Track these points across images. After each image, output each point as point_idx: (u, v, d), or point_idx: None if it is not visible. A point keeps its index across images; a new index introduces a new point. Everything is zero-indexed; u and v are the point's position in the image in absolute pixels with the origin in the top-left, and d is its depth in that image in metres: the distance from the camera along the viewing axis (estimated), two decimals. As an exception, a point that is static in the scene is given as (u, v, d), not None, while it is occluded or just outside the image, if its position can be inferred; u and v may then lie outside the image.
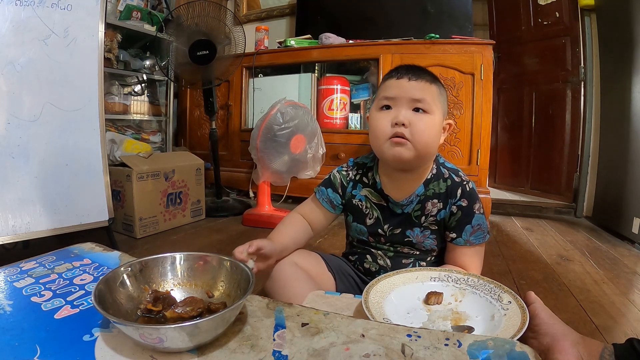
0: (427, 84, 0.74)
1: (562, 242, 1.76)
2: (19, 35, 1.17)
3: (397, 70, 0.76)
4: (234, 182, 2.54)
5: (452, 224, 0.78)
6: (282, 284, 0.74)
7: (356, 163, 0.88)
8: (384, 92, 0.76)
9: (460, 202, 0.77)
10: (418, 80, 0.74)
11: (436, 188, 0.79)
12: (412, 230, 0.80)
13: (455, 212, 0.78)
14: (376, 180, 0.82)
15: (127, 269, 0.52)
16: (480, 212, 0.78)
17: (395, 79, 0.75)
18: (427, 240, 0.80)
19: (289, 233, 0.85)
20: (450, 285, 0.65)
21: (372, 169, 0.84)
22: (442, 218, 0.79)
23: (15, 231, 1.18)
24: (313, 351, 0.42)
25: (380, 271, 0.82)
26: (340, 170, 0.88)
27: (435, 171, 0.80)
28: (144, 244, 1.62)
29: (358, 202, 0.84)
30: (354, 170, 0.86)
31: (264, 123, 1.83)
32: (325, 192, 0.87)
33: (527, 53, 2.53)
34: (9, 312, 0.49)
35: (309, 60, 2.38)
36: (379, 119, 0.75)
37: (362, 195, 0.84)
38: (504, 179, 2.73)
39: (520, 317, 0.53)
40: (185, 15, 2.03)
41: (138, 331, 0.40)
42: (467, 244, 0.77)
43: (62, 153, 1.28)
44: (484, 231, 0.78)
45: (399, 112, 0.73)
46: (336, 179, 0.87)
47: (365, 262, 0.84)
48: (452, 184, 0.79)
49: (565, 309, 1.07)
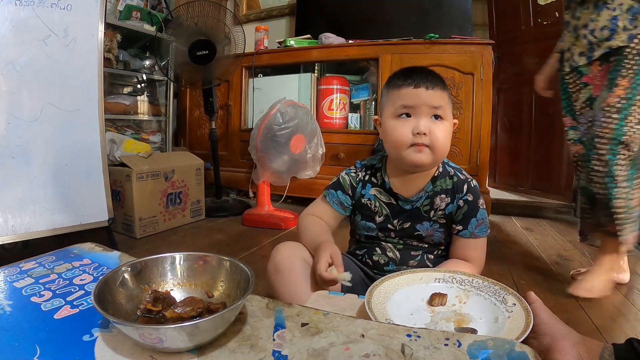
0: (442, 92, 0.78)
1: (562, 242, 1.76)
2: (19, 35, 1.17)
3: (411, 78, 0.78)
4: (234, 182, 2.54)
5: (458, 217, 0.82)
6: (289, 279, 0.77)
7: (364, 165, 0.91)
8: (402, 101, 0.78)
9: (467, 196, 0.82)
10: (435, 89, 0.77)
11: (443, 185, 0.83)
12: (422, 224, 0.83)
13: (462, 205, 0.82)
14: (385, 180, 0.85)
15: (127, 269, 0.52)
16: (483, 207, 0.83)
17: (412, 87, 0.77)
18: (435, 234, 0.84)
19: (325, 229, 0.88)
20: (454, 286, 0.65)
21: (380, 169, 0.87)
22: (450, 212, 0.83)
23: (15, 231, 1.18)
24: (313, 351, 0.42)
25: (390, 263, 0.84)
26: (348, 172, 0.91)
27: (442, 169, 0.84)
28: (143, 244, 1.62)
29: (367, 201, 0.87)
30: (362, 172, 0.89)
31: (263, 123, 1.83)
32: (336, 195, 0.89)
33: (527, 53, 2.53)
34: (8, 312, 0.49)
35: (309, 60, 2.38)
36: (399, 128, 0.77)
37: (371, 194, 0.86)
38: (504, 179, 2.73)
39: (524, 320, 0.53)
40: (185, 15, 2.03)
41: (138, 331, 0.40)
42: (472, 236, 0.81)
43: (62, 153, 1.28)
44: (486, 225, 0.83)
45: (419, 121, 0.76)
46: (345, 181, 0.89)
47: (375, 254, 0.86)
48: (458, 181, 0.83)
49: (565, 309, 1.07)
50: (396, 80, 0.80)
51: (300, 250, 0.82)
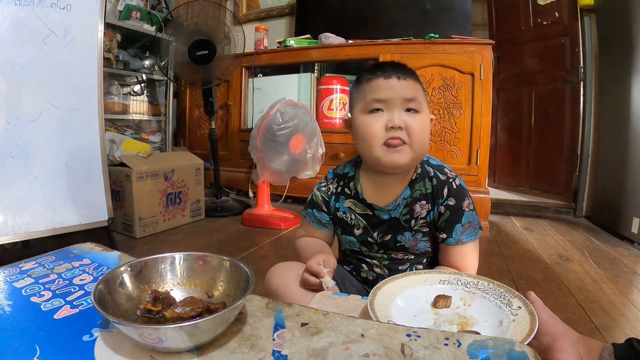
0: (415, 83, 0.72)
1: (562, 241, 1.77)
2: (18, 35, 1.17)
3: (381, 69, 0.71)
4: (234, 182, 2.54)
5: (441, 225, 0.75)
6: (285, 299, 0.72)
7: (336, 174, 0.84)
8: (373, 94, 0.71)
9: (448, 201, 0.74)
10: (407, 79, 0.70)
11: (422, 188, 0.76)
12: (403, 235, 0.77)
13: (443, 212, 0.74)
14: (358, 190, 0.78)
15: (127, 269, 0.52)
16: (469, 209, 0.75)
17: (383, 78, 0.70)
18: (419, 244, 0.77)
19: (323, 244, 0.83)
20: (459, 288, 0.64)
21: (353, 178, 0.80)
22: (432, 220, 0.76)
23: (15, 231, 1.18)
24: (313, 351, 0.42)
25: (378, 279, 0.77)
26: (319, 187, 0.84)
27: (420, 170, 0.76)
28: (143, 244, 1.61)
29: (343, 215, 0.81)
30: (334, 183, 0.83)
31: (263, 123, 1.83)
32: (312, 213, 0.84)
33: (527, 53, 2.53)
34: (8, 312, 0.49)
35: (309, 60, 2.38)
36: (370, 124, 0.70)
37: (345, 207, 0.80)
38: (504, 179, 2.73)
39: (529, 323, 0.52)
40: (184, 15, 2.03)
41: (137, 331, 0.40)
42: (458, 244, 0.74)
43: (62, 153, 1.28)
44: (475, 228, 0.75)
45: (392, 114, 0.69)
46: (317, 197, 0.83)
47: (362, 271, 0.82)
48: (438, 183, 0.75)
49: (565, 308, 1.07)
50: (366, 74, 0.74)
51: (295, 269, 0.77)
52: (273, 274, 0.78)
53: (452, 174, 0.77)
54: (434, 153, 2.05)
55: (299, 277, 0.75)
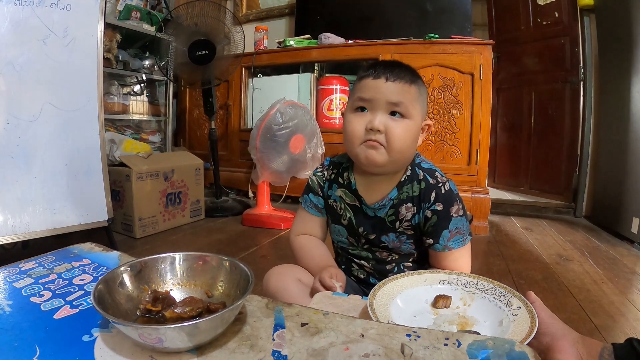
0: (405, 85, 0.69)
1: (562, 241, 1.77)
2: (18, 34, 1.17)
3: (374, 68, 0.70)
4: (234, 182, 2.54)
5: (428, 230, 0.73)
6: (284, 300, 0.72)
7: (332, 162, 0.84)
8: (359, 93, 0.71)
9: (435, 206, 0.72)
10: (396, 82, 0.69)
11: (410, 191, 0.74)
12: (387, 235, 0.76)
13: (430, 217, 0.72)
14: (351, 180, 0.78)
15: (127, 269, 0.52)
16: (459, 215, 0.72)
17: (371, 78, 0.70)
18: (403, 245, 0.77)
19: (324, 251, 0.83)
20: (459, 288, 0.64)
21: (347, 168, 0.80)
22: (417, 223, 0.75)
23: (15, 231, 1.18)
24: (312, 351, 0.42)
25: (370, 278, 0.81)
26: (316, 172, 0.84)
27: (410, 173, 0.75)
28: (143, 244, 1.61)
29: (333, 203, 0.81)
30: (329, 170, 0.83)
31: (263, 123, 1.83)
32: (309, 199, 0.84)
33: (527, 53, 2.53)
34: (8, 312, 0.49)
35: (309, 60, 2.39)
36: (353, 122, 0.71)
37: (336, 195, 0.80)
38: (503, 179, 2.73)
39: (529, 323, 0.52)
40: (184, 15, 2.03)
41: (137, 331, 0.40)
42: (445, 250, 0.73)
43: (61, 153, 1.28)
44: (464, 234, 0.73)
45: (374, 116, 0.68)
46: (314, 182, 0.84)
47: (354, 270, 0.83)
48: (426, 187, 0.73)
49: (565, 308, 1.07)
50: (361, 71, 0.73)
51: (295, 272, 0.78)
52: (271, 276, 0.78)
53: (443, 178, 0.75)
54: (434, 153, 2.05)
55: (297, 280, 0.75)
